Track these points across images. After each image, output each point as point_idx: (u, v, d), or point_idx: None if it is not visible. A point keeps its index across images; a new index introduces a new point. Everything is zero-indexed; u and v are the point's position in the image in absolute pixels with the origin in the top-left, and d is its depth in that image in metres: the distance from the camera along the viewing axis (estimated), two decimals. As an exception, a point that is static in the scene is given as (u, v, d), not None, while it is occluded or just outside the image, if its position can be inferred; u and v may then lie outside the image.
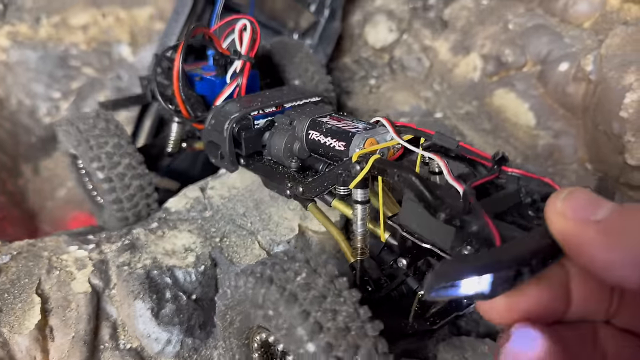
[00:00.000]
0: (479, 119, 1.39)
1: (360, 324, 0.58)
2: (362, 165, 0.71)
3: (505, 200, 0.64)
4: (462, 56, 1.47)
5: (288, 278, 0.61)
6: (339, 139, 0.81)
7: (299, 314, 0.57)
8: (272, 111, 0.96)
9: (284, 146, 0.90)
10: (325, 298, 0.59)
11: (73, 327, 0.89)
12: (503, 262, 0.46)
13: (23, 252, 0.99)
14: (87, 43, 1.99)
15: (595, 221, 0.44)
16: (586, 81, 1.25)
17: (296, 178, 0.86)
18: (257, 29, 1.06)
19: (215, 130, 0.96)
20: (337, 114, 0.91)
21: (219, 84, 1.09)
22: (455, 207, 0.60)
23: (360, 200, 0.75)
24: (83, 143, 1.03)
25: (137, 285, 0.92)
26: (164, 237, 1.02)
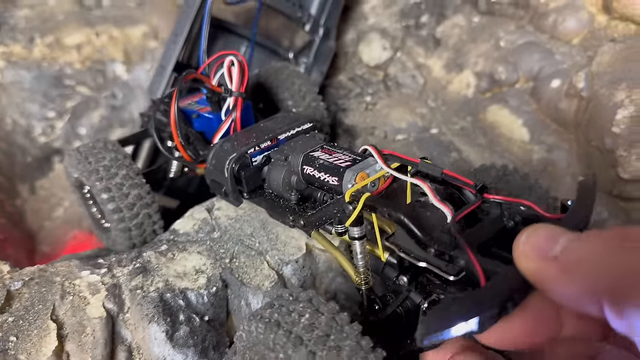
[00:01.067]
0: (473, 134, 1.43)
1: (363, 355, 0.61)
2: (354, 205, 0.76)
3: (489, 227, 0.69)
4: (456, 73, 1.51)
5: (294, 321, 0.65)
6: (331, 175, 0.85)
7: (305, 356, 0.61)
8: (267, 145, 1.00)
9: (282, 181, 0.94)
10: (328, 336, 0.62)
11: (90, 352, 0.90)
12: (487, 303, 0.50)
13: (35, 278, 1.00)
14: (82, 62, 2.00)
15: (553, 257, 0.47)
16: (578, 98, 1.29)
17: (297, 212, 0.90)
18: (245, 64, 1.11)
19: (217, 170, 1.00)
20: (328, 145, 0.95)
21: (215, 120, 1.13)
22: (443, 243, 0.66)
23: (357, 236, 0.80)
24: (82, 161, 1.07)
25: (151, 309, 0.93)
26: (174, 259, 1.04)
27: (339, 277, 1.08)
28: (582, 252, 0.45)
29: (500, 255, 0.65)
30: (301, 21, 1.63)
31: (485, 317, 0.50)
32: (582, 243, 0.46)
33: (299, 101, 1.32)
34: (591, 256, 0.44)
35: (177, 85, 1.05)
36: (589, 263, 0.44)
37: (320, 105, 1.34)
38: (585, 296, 0.43)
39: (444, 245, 0.66)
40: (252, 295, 0.99)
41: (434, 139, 1.42)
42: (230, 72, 1.10)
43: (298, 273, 1.04)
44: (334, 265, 1.08)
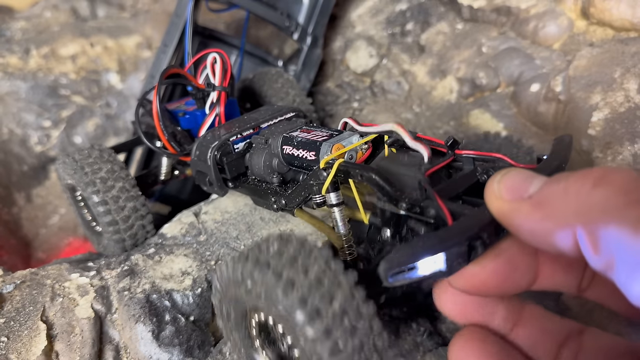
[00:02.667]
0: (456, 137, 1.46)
1: (356, 305, 0.58)
2: (328, 171, 0.76)
3: (462, 181, 0.69)
4: (439, 79, 1.54)
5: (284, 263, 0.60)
6: (309, 150, 0.87)
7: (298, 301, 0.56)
8: (249, 133, 1.03)
9: (263, 164, 0.96)
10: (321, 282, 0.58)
11: (78, 351, 0.93)
12: (454, 239, 0.50)
13: (26, 281, 1.03)
14: (77, 72, 2.04)
15: (528, 197, 0.46)
16: (556, 101, 1.32)
17: (278, 192, 0.92)
18: (227, 60, 1.14)
19: (201, 160, 1.02)
20: (308, 125, 0.98)
21: (200, 116, 1.16)
22: (413, 197, 0.66)
23: (335, 203, 0.79)
24: (78, 170, 1.09)
25: (138, 309, 0.97)
26: (161, 262, 1.07)
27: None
28: (557, 189, 0.45)
29: (470, 201, 0.66)
30: (289, 30, 1.67)
31: (453, 253, 0.49)
32: (557, 182, 0.45)
33: None
34: (566, 192, 0.43)
35: (159, 81, 1.08)
36: (563, 198, 0.43)
37: (313, 117, 1.38)
38: (559, 230, 0.43)
39: (415, 200, 0.66)
40: (237, 296, 1.02)
41: (419, 143, 1.45)
42: (214, 68, 1.13)
43: (282, 274, 1.07)
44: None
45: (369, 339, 0.57)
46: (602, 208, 0.40)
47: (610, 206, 0.40)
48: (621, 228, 0.38)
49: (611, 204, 0.40)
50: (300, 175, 0.94)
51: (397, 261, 0.48)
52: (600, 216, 0.40)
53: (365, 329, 0.57)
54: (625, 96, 1.21)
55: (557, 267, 0.55)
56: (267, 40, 1.88)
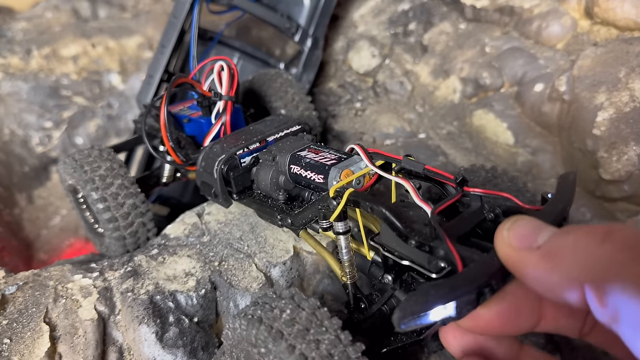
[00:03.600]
0: (460, 138, 1.46)
1: (342, 348, 0.63)
2: (338, 200, 0.78)
3: (470, 218, 0.70)
4: (442, 79, 1.54)
5: (275, 317, 0.66)
6: (317, 173, 0.87)
7: (285, 349, 0.62)
8: (256, 147, 1.03)
9: (270, 181, 0.96)
10: (308, 330, 0.64)
11: (81, 352, 0.92)
12: (465, 288, 0.52)
13: (29, 282, 1.03)
14: (78, 73, 2.04)
15: (536, 247, 0.48)
16: (560, 101, 1.32)
17: (284, 210, 0.92)
18: (234, 69, 1.13)
19: (207, 172, 1.02)
20: (315, 145, 0.97)
21: (205, 124, 1.15)
22: (424, 235, 0.67)
23: (341, 231, 0.81)
24: (78, 169, 1.09)
25: (142, 311, 0.96)
26: (164, 263, 1.07)
27: (326, 278, 1.10)
28: (565, 242, 0.46)
29: (479, 244, 0.66)
30: (290, 32, 1.67)
31: (463, 301, 0.51)
32: (566, 235, 0.47)
33: (292, 110, 1.34)
34: (575, 246, 0.45)
35: (167, 89, 1.08)
36: (572, 252, 0.45)
37: (312, 115, 1.37)
38: (567, 283, 0.44)
39: (425, 237, 0.67)
40: (241, 297, 1.01)
41: (422, 144, 1.45)
42: (220, 77, 1.13)
43: (286, 275, 1.06)
44: (321, 267, 1.10)
45: None
46: (609, 264, 0.42)
47: (617, 262, 0.41)
48: (626, 284, 0.40)
49: (617, 260, 0.41)
50: (305, 192, 0.95)
51: (411, 310, 0.50)
52: (607, 272, 0.41)
53: None
54: (630, 96, 1.21)
55: (560, 312, 0.56)
56: (269, 41, 1.87)
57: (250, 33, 1.88)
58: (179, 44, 1.57)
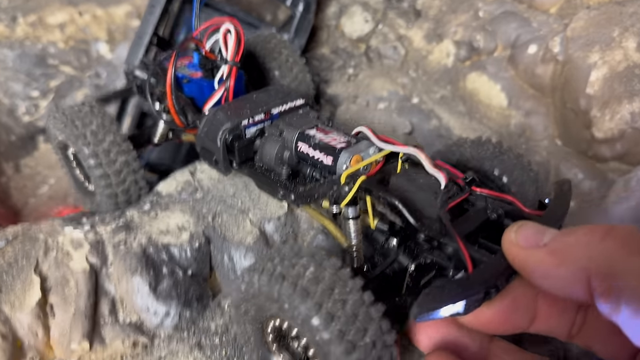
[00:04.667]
0: (453, 102, 1.45)
1: (365, 309, 0.64)
2: (350, 186, 0.79)
3: (475, 217, 0.75)
4: (436, 43, 1.53)
5: (298, 274, 0.66)
6: (326, 154, 0.88)
7: (312, 308, 0.63)
8: (261, 119, 1.01)
9: (275, 156, 0.95)
10: (333, 290, 0.65)
11: (73, 303, 0.91)
12: (474, 289, 0.58)
13: (19, 237, 1.01)
14: (65, 41, 1.99)
15: (543, 245, 0.54)
16: (554, 62, 1.32)
17: (288, 186, 0.92)
18: (242, 33, 1.09)
19: (209, 139, 1.00)
20: (322, 124, 0.97)
21: (207, 87, 1.12)
22: (434, 230, 0.72)
23: (351, 216, 0.82)
24: (69, 124, 1.06)
25: (135, 262, 0.95)
26: (157, 217, 1.05)
27: (320, 234, 1.09)
28: (569, 240, 0.51)
29: (486, 245, 0.73)
30: (282, -4, 1.65)
31: (472, 300, 0.58)
32: (569, 234, 0.52)
33: (286, 72, 1.32)
34: (578, 243, 0.50)
35: (176, 49, 1.04)
36: (575, 248, 0.50)
37: (306, 77, 1.35)
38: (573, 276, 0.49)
39: (435, 232, 0.72)
40: (235, 250, 1.00)
41: (415, 108, 1.44)
42: (226, 40, 1.09)
43: (280, 230, 1.05)
44: (315, 223, 1.09)
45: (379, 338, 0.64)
46: (611, 257, 0.47)
47: (618, 256, 0.47)
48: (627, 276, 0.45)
49: (618, 254, 0.47)
50: (307, 169, 0.95)
51: (427, 308, 0.58)
52: (609, 264, 0.47)
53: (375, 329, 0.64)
54: (624, 55, 1.21)
55: (553, 312, 0.62)
56: (260, 6, 1.85)
57: (242, -1, 1.85)
58: (169, 5, 1.54)
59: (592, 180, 1.27)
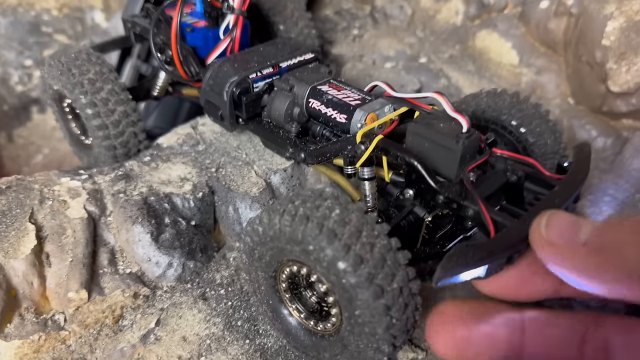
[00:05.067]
0: (462, 61, 1.41)
1: (393, 254, 0.61)
2: (366, 145, 0.76)
3: (495, 179, 0.73)
4: (444, 2, 1.48)
5: (324, 215, 0.62)
6: (340, 112, 0.85)
7: (340, 249, 0.59)
8: (269, 72, 0.97)
9: (284, 112, 0.91)
10: (361, 232, 0.61)
11: (70, 252, 0.86)
12: (497, 254, 0.57)
13: (12, 187, 0.96)
14: (59, 9, 1.94)
15: (582, 243, 0.47)
16: (567, 15, 1.27)
17: (297, 144, 0.89)
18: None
19: (214, 92, 0.96)
20: (335, 80, 0.94)
21: (211, 37, 1.07)
22: (454, 191, 0.70)
23: (367, 177, 0.79)
24: (65, 72, 1.01)
25: (135, 211, 0.90)
26: (158, 168, 1.01)
27: (328, 187, 1.05)
28: (616, 238, 0.46)
29: (507, 208, 0.71)
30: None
31: (494, 265, 0.57)
32: (614, 231, 0.47)
33: (291, 26, 1.27)
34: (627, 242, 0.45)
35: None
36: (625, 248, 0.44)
37: (312, 33, 1.30)
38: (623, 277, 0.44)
39: (455, 194, 0.70)
40: (240, 201, 0.95)
41: (423, 67, 1.39)
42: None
43: (286, 182, 1.01)
44: (323, 178, 1.05)
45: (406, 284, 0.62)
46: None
47: None
48: None
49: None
50: (317, 127, 0.92)
51: (451, 271, 0.56)
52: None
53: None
54: (641, 4, 1.16)
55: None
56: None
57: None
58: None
59: (607, 138, 1.23)
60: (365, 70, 1.35)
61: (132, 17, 1.20)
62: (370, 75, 1.32)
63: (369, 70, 1.35)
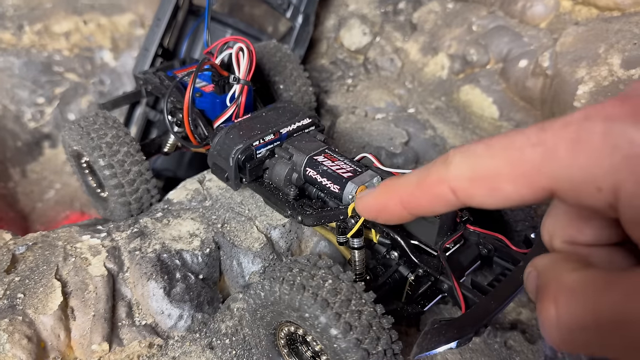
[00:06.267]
0: (448, 112, 1.52)
1: (378, 320, 0.72)
2: (356, 219, 0.85)
3: (468, 253, 0.84)
4: (431, 56, 1.59)
5: (318, 285, 0.73)
6: (334, 182, 0.94)
7: (332, 317, 0.70)
8: (271, 139, 1.06)
9: (284, 177, 1.01)
10: (350, 301, 0.72)
11: (92, 307, 0.97)
12: (467, 330, 0.65)
13: (38, 243, 1.07)
14: (70, 49, 2.05)
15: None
16: (543, 76, 1.39)
17: (295, 207, 0.98)
18: (254, 52, 1.14)
19: (221, 157, 1.06)
20: (330, 149, 1.03)
21: (218, 103, 1.17)
22: (432, 266, 0.81)
23: (356, 247, 0.88)
24: (85, 136, 1.12)
25: (150, 268, 1.01)
26: (169, 224, 1.11)
27: (322, 240, 1.16)
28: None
29: (479, 286, 0.80)
30: (282, 8, 1.71)
31: (464, 339, 0.65)
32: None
33: (290, 85, 1.38)
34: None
35: (195, 73, 1.07)
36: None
37: (309, 90, 1.41)
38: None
39: (433, 268, 0.81)
40: (243, 256, 1.06)
41: (411, 118, 1.50)
42: (239, 59, 1.13)
43: (285, 236, 1.12)
44: (318, 231, 1.16)
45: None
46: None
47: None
48: None
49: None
50: (313, 190, 1.01)
51: (427, 347, 0.65)
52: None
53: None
54: (609, 70, 1.28)
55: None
56: (261, 18, 1.91)
57: (243, 10, 1.91)
58: (174, 18, 1.60)
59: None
60: (358, 123, 1.46)
61: (144, 75, 1.31)
62: (363, 128, 1.43)
63: (361, 123, 1.46)
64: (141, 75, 1.32)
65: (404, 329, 1.02)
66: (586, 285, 0.32)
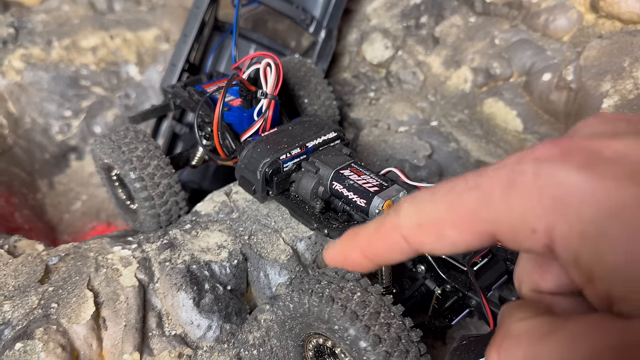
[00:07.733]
0: (471, 125, 1.53)
1: (406, 333, 0.72)
2: None
3: (495, 269, 0.85)
4: (454, 70, 1.61)
5: (347, 297, 0.74)
6: (360, 197, 0.95)
7: (361, 330, 0.70)
8: (297, 153, 1.08)
9: (310, 191, 1.02)
10: (379, 314, 0.72)
11: (124, 317, 0.99)
12: None
13: (70, 254, 1.09)
14: (97, 64, 2.10)
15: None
16: (567, 89, 1.39)
17: (321, 220, 0.99)
18: (281, 67, 1.15)
19: (249, 170, 1.07)
20: (356, 163, 1.04)
21: (246, 117, 1.19)
22: (460, 282, 0.82)
23: None
24: (116, 150, 1.15)
25: (180, 279, 1.02)
26: (198, 236, 1.13)
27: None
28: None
29: (505, 300, 0.82)
30: (305, 23, 1.73)
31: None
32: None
33: (314, 99, 1.40)
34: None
35: (225, 88, 1.10)
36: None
37: (333, 104, 1.43)
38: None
39: (461, 284, 0.82)
40: (270, 267, 1.08)
41: (434, 130, 1.51)
42: (266, 74, 1.15)
43: (311, 248, 1.13)
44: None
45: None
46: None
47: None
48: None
49: None
50: (339, 203, 1.02)
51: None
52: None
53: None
54: (634, 84, 1.28)
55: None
56: (284, 33, 1.94)
57: (266, 25, 1.94)
58: (200, 34, 1.63)
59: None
60: (381, 136, 1.47)
61: (172, 89, 1.34)
62: (386, 141, 1.44)
63: (384, 135, 1.47)
64: (169, 89, 1.35)
65: (431, 342, 1.03)
66: (529, 334, 0.32)
